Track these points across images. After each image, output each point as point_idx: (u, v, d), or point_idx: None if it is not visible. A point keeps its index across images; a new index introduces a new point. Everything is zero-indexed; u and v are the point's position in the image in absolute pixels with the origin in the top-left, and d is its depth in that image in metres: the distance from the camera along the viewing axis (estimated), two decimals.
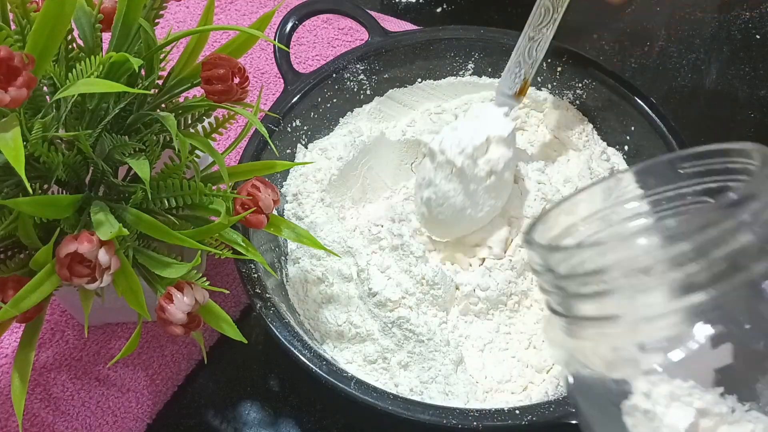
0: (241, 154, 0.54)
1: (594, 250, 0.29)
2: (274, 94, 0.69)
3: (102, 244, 0.38)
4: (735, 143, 0.32)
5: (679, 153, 0.34)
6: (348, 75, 0.60)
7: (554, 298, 0.32)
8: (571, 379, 0.33)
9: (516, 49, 0.54)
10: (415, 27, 0.75)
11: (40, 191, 0.42)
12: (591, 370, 0.31)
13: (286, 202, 0.57)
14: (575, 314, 0.31)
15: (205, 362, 0.49)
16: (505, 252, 0.54)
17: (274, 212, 0.45)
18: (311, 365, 0.45)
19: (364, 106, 0.62)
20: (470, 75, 0.62)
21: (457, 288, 0.53)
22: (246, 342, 0.44)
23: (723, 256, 0.27)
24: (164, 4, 0.45)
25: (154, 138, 0.44)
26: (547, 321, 0.34)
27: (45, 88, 0.42)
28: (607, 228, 0.36)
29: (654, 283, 0.28)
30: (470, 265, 0.55)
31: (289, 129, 0.58)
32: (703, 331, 0.28)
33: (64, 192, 0.44)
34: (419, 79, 0.62)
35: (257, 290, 0.48)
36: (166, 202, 0.43)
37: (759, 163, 0.30)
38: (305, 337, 0.47)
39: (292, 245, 0.55)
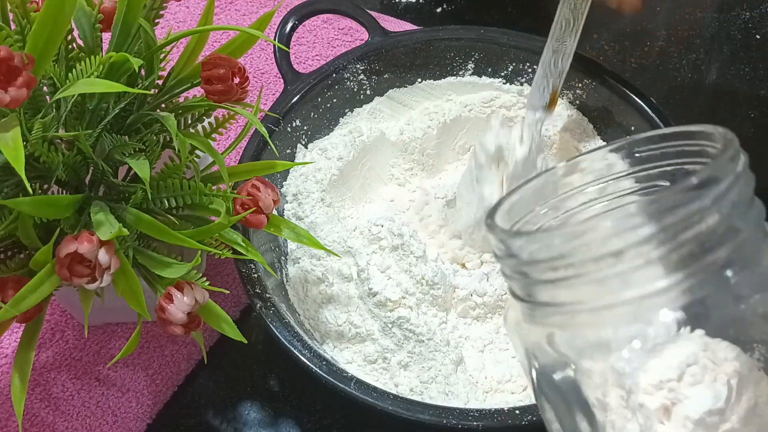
0: (241, 154, 0.54)
1: (557, 235, 0.29)
2: (274, 94, 0.69)
3: (102, 244, 0.38)
4: (693, 126, 0.31)
5: (635, 137, 0.34)
6: (348, 75, 0.60)
7: (517, 284, 0.31)
8: (534, 373, 0.32)
9: (541, 63, 0.54)
10: (415, 27, 0.74)
11: (40, 191, 0.42)
12: (553, 360, 0.31)
13: (286, 202, 0.57)
14: (538, 300, 0.30)
15: (205, 362, 0.49)
16: None
17: (274, 212, 0.45)
18: (311, 365, 0.45)
19: (364, 106, 0.62)
20: (470, 75, 0.62)
21: (454, 290, 0.53)
22: (246, 342, 0.44)
23: (690, 239, 0.27)
24: (164, 4, 0.45)
25: (154, 138, 0.44)
26: (508, 309, 0.33)
27: (45, 88, 0.42)
28: (567, 212, 0.36)
29: (621, 267, 0.27)
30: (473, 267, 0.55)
31: (289, 129, 0.58)
32: (668, 317, 0.28)
33: (64, 192, 0.44)
34: (419, 79, 0.62)
35: (257, 290, 0.48)
36: (166, 202, 0.43)
37: (720, 145, 0.29)
38: (305, 337, 0.47)
39: (292, 245, 0.55)
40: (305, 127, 0.59)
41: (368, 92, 0.62)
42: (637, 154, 0.34)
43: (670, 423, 0.28)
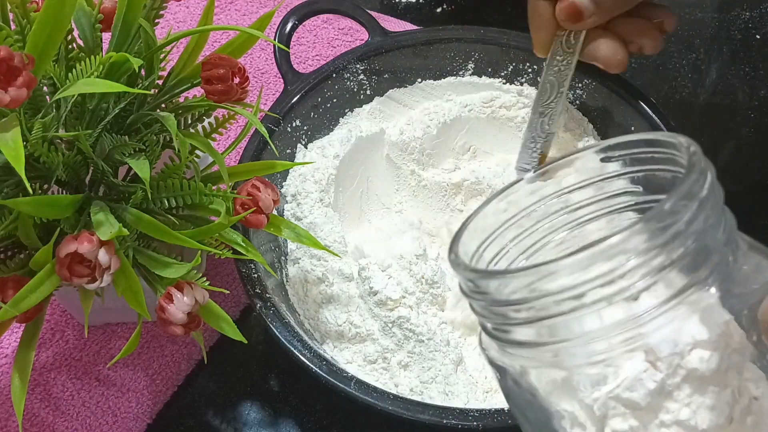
0: (241, 154, 0.54)
1: (523, 276, 0.28)
2: (274, 94, 0.69)
3: (102, 244, 0.38)
4: (658, 134, 0.31)
5: (605, 142, 0.33)
6: (348, 75, 0.60)
7: (488, 322, 0.30)
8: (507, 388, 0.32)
9: (527, 125, 0.53)
10: (415, 27, 0.74)
11: (40, 191, 0.42)
12: (524, 387, 0.30)
13: (286, 202, 0.56)
14: (510, 339, 0.29)
15: (205, 362, 0.49)
16: None
17: (274, 212, 0.46)
18: (311, 365, 0.45)
19: (364, 106, 0.62)
20: (470, 75, 0.62)
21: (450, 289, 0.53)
22: (246, 342, 0.44)
23: (653, 272, 0.26)
24: (164, 4, 0.45)
25: (154, 138, 0.44)
26: (481, 332, 0.32)
27: (45, 88, 0.42)
28: (534, 238, 0.35)
29: (590, 309, 0.27)
30: None
31: (289, 129, 0.58)
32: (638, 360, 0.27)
33: (64, 192, 0.44)
34: (419, 79, 0.62)
35: (257, 290, 0.48)
36: (166, 202, 0.43)
37: (686, 163, 0.28)
38: (305, 337, 0.47)
39: (292, 245, 0.55)
40: (305, 127, 0.59)
41: (368, 92, 0.62)
42: (605, 160, 0.33)
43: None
